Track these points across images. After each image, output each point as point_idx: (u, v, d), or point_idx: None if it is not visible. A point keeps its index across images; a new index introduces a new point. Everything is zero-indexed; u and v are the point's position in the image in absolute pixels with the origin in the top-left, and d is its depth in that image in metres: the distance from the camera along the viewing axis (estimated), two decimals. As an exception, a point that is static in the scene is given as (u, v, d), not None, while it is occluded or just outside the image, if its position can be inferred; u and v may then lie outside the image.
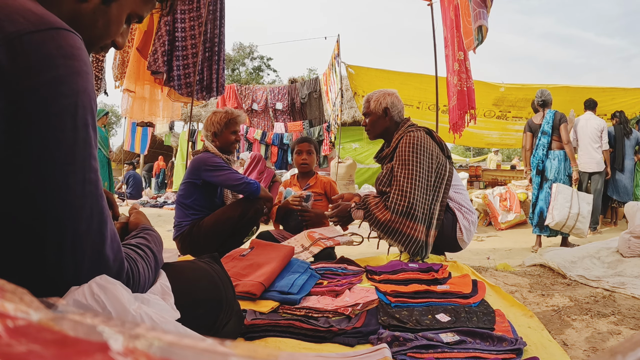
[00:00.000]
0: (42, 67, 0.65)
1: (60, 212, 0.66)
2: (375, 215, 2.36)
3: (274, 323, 1.39)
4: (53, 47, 0.67)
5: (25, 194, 0.64)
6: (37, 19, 0.67)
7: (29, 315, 0.25)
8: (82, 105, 0.69)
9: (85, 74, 0.70)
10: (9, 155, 0.63)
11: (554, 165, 4.73)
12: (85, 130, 0.69)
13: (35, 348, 0.23)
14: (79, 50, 0.71)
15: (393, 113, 2.60)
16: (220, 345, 0.26)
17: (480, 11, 3.71)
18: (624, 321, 1.98)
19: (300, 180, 3.22)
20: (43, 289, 0.67)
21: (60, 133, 0.66)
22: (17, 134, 0.63)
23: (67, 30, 0.70)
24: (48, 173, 0.65)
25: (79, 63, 0.70)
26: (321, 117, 10.83)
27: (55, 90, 0.66)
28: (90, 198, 0.70)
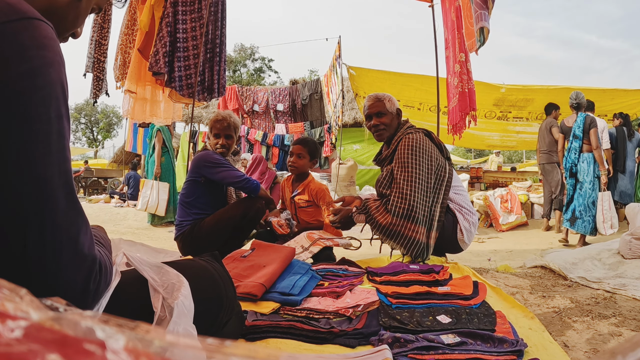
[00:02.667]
0: (15, 58, 0.65)
1: (38, 204, 0.67)
2: (377, 219, 2.36)
3: (275, 324, 1.39)
4: (27, 38, 0.66)
5: (4, 187, 0.64)
6: (9, 8, 0.67)
7: (29, 315, 0.26)
8: (55, 97, 0.69)
9: (58, 65, 0.70)
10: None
11: (584, 168, 4.98)
12: (59, 122, 0.69)
13: (35, 348, 0.23)
14: (52, 40, 0.70)
15: (401, 115, 2.64)
16: (220, 346, 0.26)
17: (481, 13, 3.71)
18: (625, 323, 1.98)
19: (293, 183, 3.22)
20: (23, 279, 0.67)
21: (36, 125, 0.66)
22: None
23: (40, 20, 0.70)
24: (25, 165, 0.65)
25: (52, 54, 0.69)
26: (322, 118, 10.83)
27: (30, 82, 0.66)
28: (66, 188, 0.71)
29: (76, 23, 0.89)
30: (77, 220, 0.72)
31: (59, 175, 0.69)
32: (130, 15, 5.27)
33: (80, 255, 0.72)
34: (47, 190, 0.68)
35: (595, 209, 4.88)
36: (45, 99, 0.67)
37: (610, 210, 4.81)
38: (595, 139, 4.85)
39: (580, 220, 4.96)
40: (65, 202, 0.70)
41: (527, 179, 8.73)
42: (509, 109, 8.86)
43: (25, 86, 0.65)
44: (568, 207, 5.16)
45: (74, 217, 0.72)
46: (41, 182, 0.67)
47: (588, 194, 4.95)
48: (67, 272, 0.70)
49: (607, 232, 4.79)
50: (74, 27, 0.89)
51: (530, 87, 8.38)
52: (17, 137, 0.64)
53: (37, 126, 0.66)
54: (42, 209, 0.67)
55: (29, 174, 0.66)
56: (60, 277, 0.69)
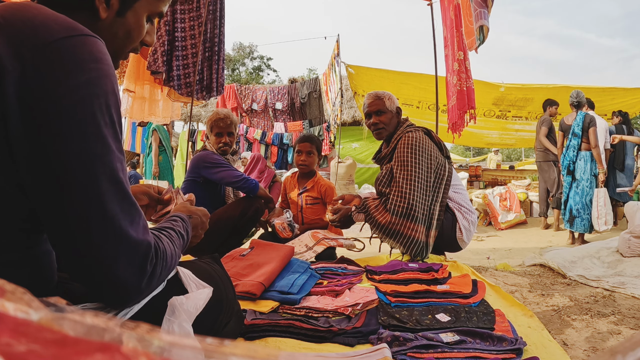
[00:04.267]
0: (75, 70, 0.72)
1: (99, 196, 0.74)
2: (376, 218, 2.36)
3: (274, 323, 1.39)
4: (85, 52, 0.74)
5: (67, 185, 0.72)
6: (68, 25, 0.75)
7: (29, 315, 0.25)
8: (109, 105, 0.76)
9: (112, 76, 0.78)
10: (50, 150, 0.70)
11: (581, 166, 5.02)
12: (112, 127, 0.77)
13: (35, 348, 0.23)
14: (105, 55, 0.78)
15: (400, 113, 2.63)
16: (220, 345, 0.26)
17: (481, 11, 3.71)
18: (624, 321, 1.98)
19: (300, 180, 3.21)
20: (78, 266, 0.75)
21: (94, 129, 0.73)
22: (57, 133, 0.70)
23: (93, 36, 0.78)
24: (87, 166, 0.73)
25: (106, 67, 0.77)
26: (321, 117, 10.83)
27: (88, 91, 0.73)
28: (123, 182, 0.77)
29: (132, 37, 0.95)
30: (132, 210, 0.79)
31: (116, 172, 0.76)
32: None
33: (133, 241, 0.77)
34: (102, 188, 0.74)
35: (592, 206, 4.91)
36: (101, 106, 0.75)
37: (605, 206, 4.82)
38: (594, 137, 4.87)
39: (578, 219, 4.98)
40: (122, 192, 0.77)
41: (526, 178, 8.73)
42: (508, 108, 8.86)
43: (84, 95, 0.73)
44: (565, 206, 5.20)
45: (128, 207, 0.78)
46: (100, 181, 0.74)
47: (585, 192, 4.97)
48: (123, 257, 0.76)
49: (601, 228, 4.81)
50: (131, 41, 0.96)
51: (530, 86, 8.39)
52: (78, 140, 0.72)
53: (95, 130, 0.74)
54: (102, 198, 0.74)
55: (90, 173, 0.73)
56: (115, 262, 0.75)
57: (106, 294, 0.79)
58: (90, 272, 0.75)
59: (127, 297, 0.80)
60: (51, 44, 0.72)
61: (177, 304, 0.85)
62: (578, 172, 5.04)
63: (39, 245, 0.84)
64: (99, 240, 0.73)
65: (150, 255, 0.80)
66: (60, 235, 0.74)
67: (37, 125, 0.70)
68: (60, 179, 0.71)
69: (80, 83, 0.72)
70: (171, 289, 0.93)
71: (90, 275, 0.75)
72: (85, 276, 0.76)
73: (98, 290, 0.78)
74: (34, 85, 0.70)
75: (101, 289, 0.77)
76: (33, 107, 0.70)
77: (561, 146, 5.33)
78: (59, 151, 0.71)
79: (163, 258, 0.84)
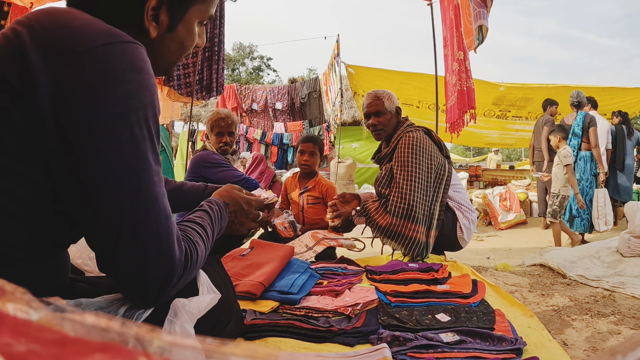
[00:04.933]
0: (114, 81, 0.70)
1: (135, 212, 0.73)
2: (376, 221, 2.35)
3: (274, 323, 1.39)
4: (125, 61, 0.72)
5: (106, 198, 0.71)
6: (106, 31, 0.72)
7: (29, 315, 0.25)
8: (148, 117, 0.75)
9: (152, 86, 0.76)
10: (87, 166, 0.70)
11: (581, 166, 5.02)
12: (151, 140, 0.76)
13: (35, 348, 0.23)
14: (146, 63, 0.76)
15: (401, 113, 2.61)
16: (220, 345, 0.26)
17: (480, 11, 3.71)
18: (624, 321, 1.98)
19: (301, 180, 3.21)
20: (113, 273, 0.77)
21: (134, 146, 0.72)
22: (94, 149, 0.69)
23: (135, 43, 0.75)
24: (125, 181, 0.72)
25: (147, 76, 0.75)
26: (321, 117, 10.82)
27: (128, 105, 0.71)
28: (159, 197, 0.77)
29: (184, 48, 0.94)
30: (167, 224, 0.78)
31: (153, 186, 0.76)
32: None
33: (166, 255, 0.78)
34: (141, 199, 0.74)
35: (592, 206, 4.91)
36: (140, 120, 0.73)
37: (605, 206, 4.83)
38: (594, 137, 4.88)
39: (578, 218, 4.99)
40: (158, 208, 0.76)
41: (526, 177, 8.73)
42: (508, 108, 8.87)
43: (122, 110, 0.70)
44: None
45: (164, 221, 0.77)
46: (138, 194, 0.73)
47: (585, 192, 4.97)
48: (153, 269, 0.76)
49: (601, 228, 4.81)
50: (185, 51, 0.94)
51: (530, 86, 8.39)
52: (115, 157, 0.70)
53: (133, 146, 0.72)
54: (138, 217, 0.73)
55: (128, 188, 0.72)
56: (146, 273, 0.75)
57: (133, 295, 0.80)
58: (124, 278, 0.76)
59: (151, 302, 0.81)
60: (87, 52, 0.69)
61: (179, 305, 0.85)
62: (578, 172, 5.04)
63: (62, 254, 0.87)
64: (133, 253, 0.74)
65: (180, 268, 0.81)
66: (98, 245, 0.75)
67: (73, 140, 0.69)
68: (97, 195, 0.71)
69: (118, 96, 0.70)
70: (186, 287, 0.93)
71: (123, 280, 0.77)
72: (118, 280, 0.78)
73: (128, 291, 0.80)
74: (69, 98, 0.68)
75: (131, 292, 0.79)
76: (68, 121, 0.68)
77: None
78: (96, 168, 0.70)
79: (192, 267, 0.86)
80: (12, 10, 4.76)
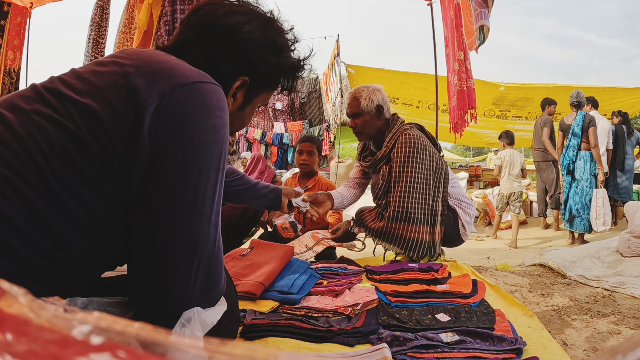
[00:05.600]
0: (206, 114, 0.79)
1: (196, 235, 0.77)
2: (373, 228, 2.30)
3: (274, 323, 1.39)
4: (214, 99, 0.81)
5: (177, 223, 0.76)
6: (201, 73, 0.84)
7: (29, 315, 0.25)
8: (224, 151, 0.82)
9: (227, 125, 0.84)
10: (167, 186, 0.75)
11: (580, 166, 5.03)
12: (222, 172, 0.82)
13: (35, 348, 0.23)
14: (226, 104, 0.85)
15: (385, 110, 2.41)
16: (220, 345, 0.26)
17: (481, 11, 3.71)
18: (624, 321, 1.98)
19: (301, 180, 3.21)
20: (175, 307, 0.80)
21: (210, 172, 0.79)
22: (177, 168, 0.75)
23: (219, 86, 0.85)
24: (199, 205, 0.77)
25: (226, 115, 0.84)
26: (321, 117, 10.82)
27: (212, 136, 0.79)
28: (217, 226, 0.82)
29: (243, 125, 1.09)
30: (219, 255, 0.84)
31: (217, 216, 0.81)
32: (128, 14, 5.25)
33: (216, 285, 0.84)
34: (205, 225, 0.79)
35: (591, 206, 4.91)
36: (219, 151, 0.80)
37: (604, 207, 4.83)
38: (594, 137, 4.88)
39: (578, 218, 4.99)
40: (214, 237, 0.81)
41: (526, 177, 8.73)
42: (508, 108, 8.87)
43: (208, 139, 0.78)
44: (565, 206, 5.20)
45: (217, 251, 0.83)
46: (204, 218, 0.78)
47: (585, 192, 4.97)
48: (199, 297, 0.81)
49: (599, 228, 4.81)
50: (240, 129, 1.11)
51: (530, 86, 8.39)
52: (194, 180, 0.76)
53: (210, 173, 0.79)
54: (198, 241, 0.78)
55: (199, 213, 0.77)
56: (192, 299, 0.80)
57: (164, 319, 0.81)
58: (163, 302, 0.79)
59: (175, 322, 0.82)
60: (188, 86, 0.78)
61: (195, 312, 0.86)
62: (578, 172, 5.04)
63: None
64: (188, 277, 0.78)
65: (218, 296, 0.88)
66: (148, 264, 0.78)
67: (160, 157, 0.75)
68: (168, 212, 0.75)
69: (207, 127, 0.78)
70: None
71: (159, 304, 0.79)
72: (153, 302, 0.80)
73: (160, 317, 0.81)
74: (166, 120, 0.75)
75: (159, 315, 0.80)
76: (161, 139, 0.75)
77: (561, 146, 5.34)
78: (175, 184, 0.75)
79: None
80: (12, 10, 4.76)
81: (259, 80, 1.01)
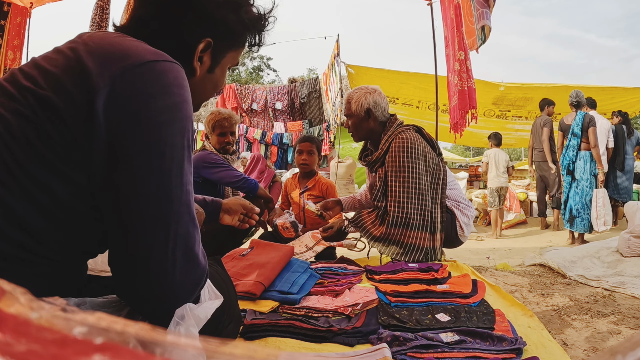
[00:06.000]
0: (162, 93, 0.77)
1: (167, 216, 0.77)
2: (372, 233, 2.27)
3: (274, 323, 1.39)
4: (171, 77, 0.80)
5: (142, 195, 0.75)
6: (156, 51, 0.82)
7: (29, 315, 0.25)
8: (188, 129, 0.81)
9: (190, 103, 0.83)
10: (130, 165, 0.74)
11: (580, 166, 5.03)
12: (188, 150, 0.82)
13: (35, 348, 0.23)
14: (186, 82, 0.84)
15: (377, 113, 2.39)
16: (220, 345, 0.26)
17: (483, 11, 3.71)
18: (624, 321, 1.98)
19: (301, 180, 3.21)
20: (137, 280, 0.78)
21: (175, 152, 0.78)
22: (139, 151, 0.74)
23: (177, 63, 0.84)
24: (164, 187, 0.76)
25: (187, 93, 0.82)
26: (321, 116, 10.82)
27: (172, 114, 0.78)
28: (188, 205, 0.81)
29: (217, 88, 1.07)
30: (194, 234, 0.82)
31: (186, 194, 0.80)
32: (128, 14, 5.26)
33: (195, 263, 0.82)
34: (176, 205, 0.78)
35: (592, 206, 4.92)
36: (181, 129, 0.79)
37: (604, 207, 4.83)
38: (594, 137, 4.89)
39: (578, 219, 4.99)
40: (187, 216, 0.80)
41: (526, 177, 8.73)
42: (508, 107, 8.86)
43: (169, 118, 0.77)
44: (565, 206, 5.20)
45: (192, 230, 0.81)
46: (173, 198, 0.77)
47: (585, 192, 4.97)
48: (181, 277, 0.79)
49: (600, 228, 4.82)
50: (215, 91, 1.07)
51: (529, 85, 8.39)
52: (157, 159, 0.76)
53: (174, 152, 0.78)
54: (170, 221, 0.77)
55: (167, 194, 0.76)
56: (174, 281, 0.78)
57: (152, 307, 0.80)
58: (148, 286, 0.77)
59: (172, 312, 0.81)
60: (141, 66, 0.77)
61: (187, 309, 0.86)
62: (578, 172, 5.05)
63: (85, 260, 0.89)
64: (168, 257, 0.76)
65: (206, 274, 0.86)
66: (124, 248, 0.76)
67: (120, 142, 0.74)
68: (135, 195, 0.74)
69: (166, 105, 0.77)
70: None
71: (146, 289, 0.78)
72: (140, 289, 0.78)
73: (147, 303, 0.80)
74: (121, 103, 0.74)
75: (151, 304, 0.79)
76: (118, 123, 0.74)
77: (561, 146, 5.33)
78: (140, 167, 0.74)
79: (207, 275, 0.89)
80: (12, 10, 4.76)
81: (223, 39, 0.99)
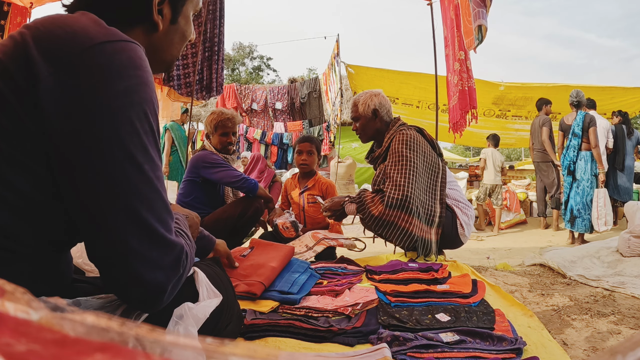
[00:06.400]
0: (115, 76, 0.73)
1: (131, 201, 0.73)
2: (370, 209, 2.33)
3: (274, 323, 1.39)
4: (125, 58, 0.74)
5: (105, 193, 0.72)
6: (107, 32, 0.76)
7: (29, 315, 0.25)
8: (148, 112, 0.76)
9: (150, 84, 0.78)
10: (89, 158, 0.71)
11: (581, 166, 5.04)
12: (153, 135, 0.78)
13: (35, 348, 0.23)
14: (144, 61, 0.79)
15: (382, 113, 2.60)
16: (220, 345, 0.26)
17: (479, 11, 3.71)
18: (624, 321, 1.98)
19: (301, 180, 3.21)
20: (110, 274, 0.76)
21: (135, 139, 0.73)
22: (95, 142, 0.71)
23: (133, 42, 0.78)
24: (127, 176, 0.73)
25: (145, 73, 0.77)
26: (321, 116, 10.83)
27: (128, 99, 0.73)
28: (161, 192, 0.78)
29: (184, 39, 1.02)
30: (167, 219, 0.79)
31: (156, 181, 0.77)
32: None
33: (171, 247, 0.79)
34: (145, 192, 0.75)
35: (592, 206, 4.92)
36: (140, 114, 0.75)
37: (605, 207, 4.84)
38: (594, 137, 4.89)
39: (579, 219, 4.99)
40: (160, 202, 0.77)
41: (526, 177, 8.73)
42: (508, 107, 8.86)
43: (123, 103, 0.73)
44: (566, 206, 5.19)
45: (166, 215, 0.78)
46: (141, 184, 0.74)
47: (586, 192, 4.98)
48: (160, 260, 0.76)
49: (601, 228, 4.83)
50: (184, 42, 1.02)
51: (529, 85, 8.38)
52: (118, 149, 0.72)
53: (135, 139, 0.73)
54: (139, 209, 0.74)
55: (130, 177, 0.73)
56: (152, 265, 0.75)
57: (138, 297, 0.78)
58: (127, 275, 0.74)
59: (160, 299, 0.79)
60: (89, 49, 0.72)
61: (186, 308, 0.86)
62: (578, 172, 5.05)
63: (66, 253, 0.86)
64: (139, 244, 0.73)
65: (183, 257, 0.81)
66: (97, 240, 0.74)
67: (74, 133, 0.70)
68: (98, 187, 0.71)
69: (119, 90, 0.72)
70: (185, 289, 0.92)
71: (125, 277, 0.75)
72: (120, 279, 0.75)
73: (131, 293, 0.77)
74: (71, 92, 0.70)
75: (135, 292, 0.76)
76: (70, 115, 0.70)
77: (561, 146, 5.34)
78: (98, 159, 0.71)
79: (189, 259, 0.86)
80: (12, 10, 4.75)
81: None
